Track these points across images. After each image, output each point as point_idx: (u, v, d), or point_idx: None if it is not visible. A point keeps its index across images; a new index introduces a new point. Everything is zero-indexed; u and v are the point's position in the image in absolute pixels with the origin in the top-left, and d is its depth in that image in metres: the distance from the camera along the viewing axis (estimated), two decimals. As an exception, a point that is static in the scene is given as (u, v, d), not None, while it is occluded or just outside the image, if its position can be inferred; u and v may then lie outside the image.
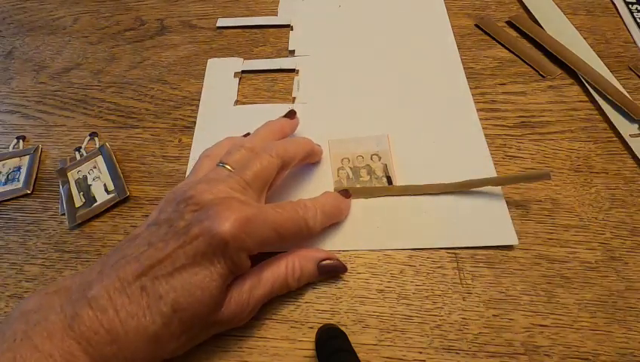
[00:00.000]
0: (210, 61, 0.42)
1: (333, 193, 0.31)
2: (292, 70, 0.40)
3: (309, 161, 0.33)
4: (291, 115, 0.34)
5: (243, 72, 0.41)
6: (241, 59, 0.41)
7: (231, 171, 0.27)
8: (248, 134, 0.34)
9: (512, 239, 0.29)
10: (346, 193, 0.31)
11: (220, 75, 0.41)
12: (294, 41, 0.43)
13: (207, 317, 0.24)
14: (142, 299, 0.22)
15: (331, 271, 0.28)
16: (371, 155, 0.33)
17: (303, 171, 0.33)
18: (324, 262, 0.27)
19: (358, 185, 0.32)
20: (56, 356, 0.20)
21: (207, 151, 0.31)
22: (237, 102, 0.39)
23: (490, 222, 0.30)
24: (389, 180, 0.32)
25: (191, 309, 0.23)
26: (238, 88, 0.39)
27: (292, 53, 0.42)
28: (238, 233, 0.23)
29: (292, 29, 0.44)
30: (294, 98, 0.38)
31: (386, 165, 0.33)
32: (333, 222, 0.30)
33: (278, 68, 0.40)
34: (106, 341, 0.21)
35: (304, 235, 0.27)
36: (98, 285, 0.22)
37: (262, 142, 0.30)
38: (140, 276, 0.22)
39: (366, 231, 0.30)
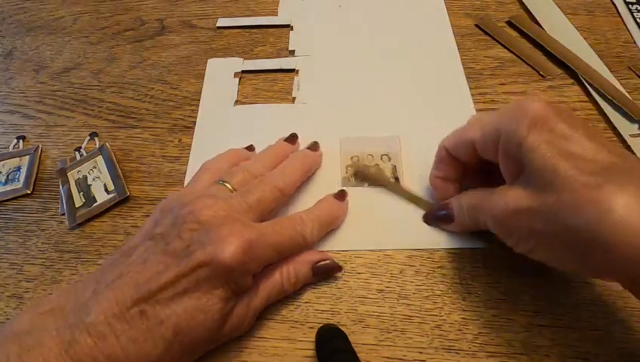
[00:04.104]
0: (210, 61, 0.42)
1: (329, 200, 0.30)
2: (292, 70, 0.40)
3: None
4: (293, 140, 0.33)
5: (243, 72, 0.41)
6: (241, 59, 0.41)
7: (232, 192, 0.27)
8: (251, 146, 0.34)
9: (512, 239, 0.29)
10: (342, 195, 0.30)
11: (220, 75, 0.41)
12: (294, 41, 0.43)
13: (208, 337, 0.24)
14: (142, 324, 0.22)
15: (326, 272, 0.28)
16: (381, 155, 0.33)
17: None
18: (318, 264, 0.27)
19: (366, 184, 0.32)
20: None
21: (209, 164, 0.30)
22: (237, 102, 0.39)
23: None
24: (397, 181, 0.32)
25: (193, 333, 0.22)
26: (238, 88, 0.39)
27: (292, 53, 0.42)
28: (242, 258, 0.23)
29: (292, 29, 0.44)
30: (294, 98, 0.38)
31: (395, 166, 0.33)
32: (329, 230, 0.30)
33: (278, 68, 0.40)
34: None
35: (301, 249, 0.28)
36: (96, 309, 0.21)
37: (264, 168, 0.30)
38: (140, 301, 0.22)
39: (366, 231, 0.30)
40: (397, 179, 0.32)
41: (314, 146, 0.33)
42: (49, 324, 0.22)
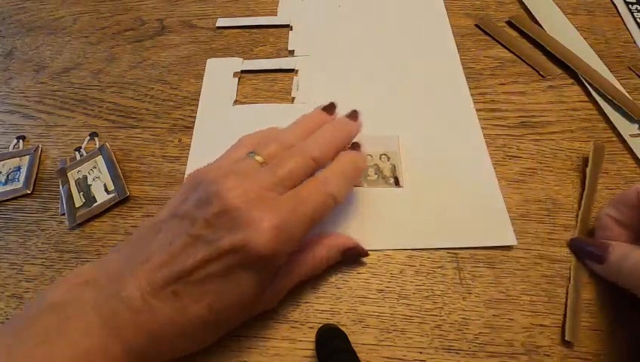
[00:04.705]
0: (209, 61, 0.42)
1: (348, 154, 0.28)
2: (292, 70, 0.40)
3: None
4: (331, 109, 0.30)
5: (243, 71, 0.41)
6: (241, 59, 0.41)
7: (262, 165, 0.26)
8: None
9: (511, 240, 0.29)
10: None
11: (220, 74, 0.41)
12: (294, 41, 0.43)
13: (242, 314, 0.24)
14: (176, 302, 0.22)
15: (355, 256, 0.29)
16: (380, 155, 0.33)
17: None
18: (350, 250, 0.28)
19: (365, 184, 0.32)
20: (94, 351, 0.20)
21: (245, 139, 0.28)
22: (236, 102, 0.39)
23: (489, 223, 0.30)
24: (397, 181, 0.32)
25: (227, 311, 0.23)
26: (238, 88, 0.39)
27: (292, 53, 0.42)
28: (274, 245, 0.22)
29: (292, 29, 0.44)
30: (294, 98, 0.38)
31: (394, 166, 0.33)
32: (354, 184, 0.29)
33: (278, 68, 0.40)
34: (142, 339, 0.21)
35: (332, 209, 0.26)
36: (131, 284, 0.21)
37: (296, 139, 0.27)
38: (171, 282, 0.22)
39: (366, 231, 0.30)
40: (396, 178, 0.32)
41: (353, 115, 0.30)
42: (86, 295, 0.22)
